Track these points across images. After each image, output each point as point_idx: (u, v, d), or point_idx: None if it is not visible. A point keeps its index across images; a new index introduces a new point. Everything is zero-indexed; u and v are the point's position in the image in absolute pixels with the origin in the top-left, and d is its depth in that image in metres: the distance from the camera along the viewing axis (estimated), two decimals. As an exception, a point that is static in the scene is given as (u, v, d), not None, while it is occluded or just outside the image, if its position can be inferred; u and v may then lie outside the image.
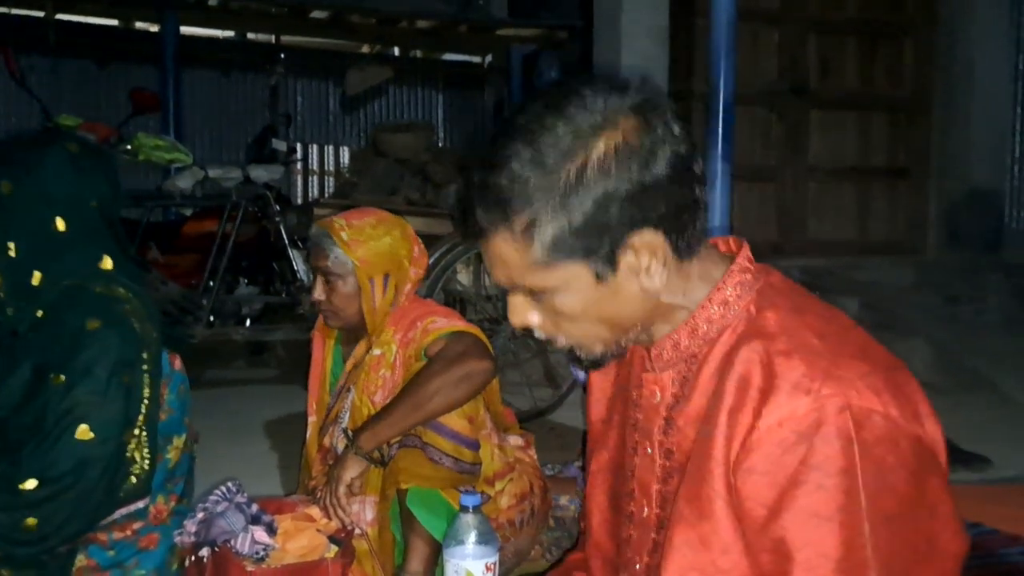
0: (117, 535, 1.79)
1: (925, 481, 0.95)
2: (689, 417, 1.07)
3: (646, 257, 1.01)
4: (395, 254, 2.19)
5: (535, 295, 1.05)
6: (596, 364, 1.12)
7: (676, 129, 1.01)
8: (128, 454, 1.71)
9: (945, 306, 5.46)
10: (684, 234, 1.02)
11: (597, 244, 1.00)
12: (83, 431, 1.65)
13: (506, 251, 1.02)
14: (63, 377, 1.65)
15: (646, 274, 1.02)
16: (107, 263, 1.80)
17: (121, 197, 1.88)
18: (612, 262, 1.01)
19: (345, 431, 2.14)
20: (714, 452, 1.00)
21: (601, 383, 1.27)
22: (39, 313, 1.73)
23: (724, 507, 0.99)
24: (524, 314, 1.08)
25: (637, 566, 1.14)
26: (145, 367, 1.73)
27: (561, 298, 1.04)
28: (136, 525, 1.80)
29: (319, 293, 2.22)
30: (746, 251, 1.10)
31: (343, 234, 2.17)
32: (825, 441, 0.92)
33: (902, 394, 0.97)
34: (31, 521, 1.63)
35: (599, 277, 1.02)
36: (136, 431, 1.72)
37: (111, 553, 1.78)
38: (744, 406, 0.98)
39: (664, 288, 1.04)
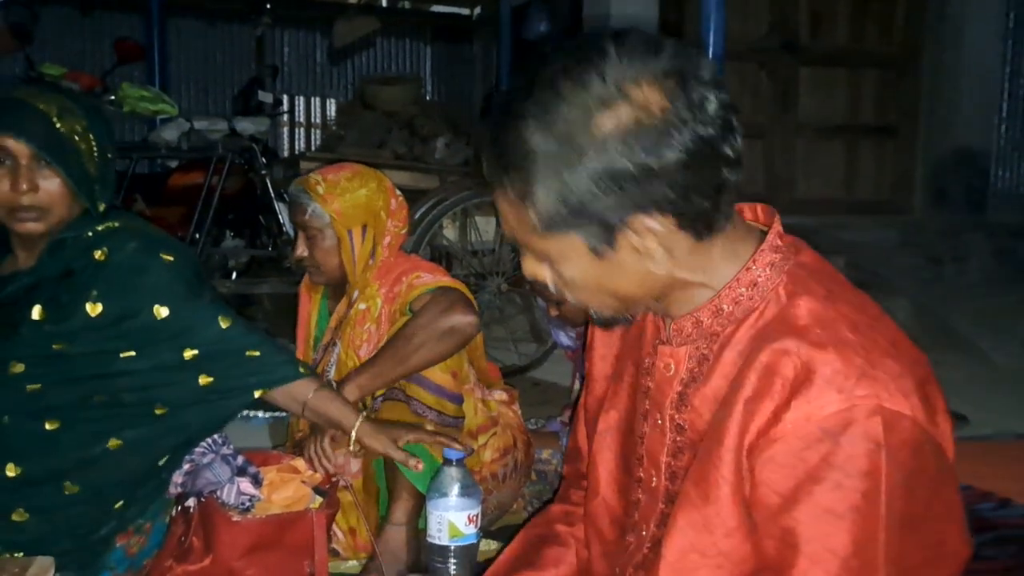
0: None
1: (943, 485, 0.95)
2: (706, 397, 1.04)
3: (649, 240, 0.97)
4: (372, 206, 2.19)
5: (540, 257, 1.03)
6: (607, 325, 1.10)
7: (710, 107, 0.93)
8: None
9: (928, 266, 5.49)
10: (701, 217, 0.97)
11: (592, 222, 0.96)
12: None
13: (507, 210, 1.00)
14: (164, 311, 1.70)
15: (648, 256, 0.98)
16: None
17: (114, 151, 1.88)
18: (610, 241, 0.97)
19: (330, 383, 2.16)
20: (726, 439, 0.98)
21: (605, 339, 1.25)
22: (97, 254, 1.72)
23: (730, 493, 0.98)
24: (534, 270, 1.06)
25: (644, 532, 1.14)
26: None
27: (562, 267, 1.02)
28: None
29: (301, 249, 2.23)
30: (777, 225, 1.05)
31: (319, 188, 2.18)
32: (851, 442, 0.91)
33: (926, 395, 0.95)
34: None
35: (596, 253, 0.98)
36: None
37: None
38: (765, 396, 0.95)
39: (676, 266, 1.00)
